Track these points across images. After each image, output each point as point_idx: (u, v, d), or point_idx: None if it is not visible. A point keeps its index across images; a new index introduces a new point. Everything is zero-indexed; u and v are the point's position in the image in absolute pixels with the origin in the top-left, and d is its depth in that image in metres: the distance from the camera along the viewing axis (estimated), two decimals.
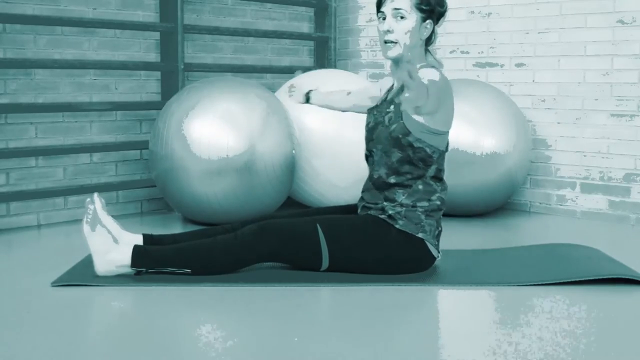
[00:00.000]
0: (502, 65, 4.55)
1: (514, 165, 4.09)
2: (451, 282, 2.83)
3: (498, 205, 4.32)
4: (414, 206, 2.83)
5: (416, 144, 2.80)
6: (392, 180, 2.84)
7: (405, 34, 2.82)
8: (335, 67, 5.15)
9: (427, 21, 2.85)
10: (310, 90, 3.39)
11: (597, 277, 2.79)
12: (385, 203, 2.86)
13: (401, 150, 2.81)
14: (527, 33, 4.43)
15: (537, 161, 4.45)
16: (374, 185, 2.89)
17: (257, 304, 2.57)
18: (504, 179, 4.10)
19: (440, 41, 4.72)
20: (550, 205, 4.43)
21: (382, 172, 2.86)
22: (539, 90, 4.40)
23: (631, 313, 2.53)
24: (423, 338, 2.29)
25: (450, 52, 4.74)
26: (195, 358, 2.12)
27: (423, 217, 2.84)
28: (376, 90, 3.16)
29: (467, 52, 4.67)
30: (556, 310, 2.52)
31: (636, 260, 3.05)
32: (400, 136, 2.80)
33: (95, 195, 2.87)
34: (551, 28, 4.35)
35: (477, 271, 2.97)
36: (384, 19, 2.85)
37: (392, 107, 2.85)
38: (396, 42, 2.83)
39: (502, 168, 4.06)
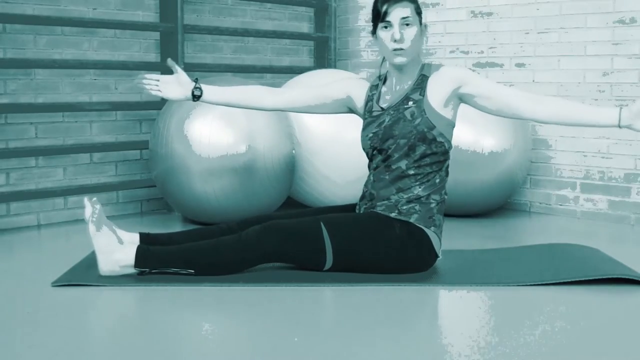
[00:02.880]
0: (502, 65, 4.55)
1: (514, 165, 4.10)
2: (451, 282, 2.83)
3: (498, 205, 4.32)
4: (427, 197, 2.85)
5: (439, 138, 2.85)
6: (412, 171, 2.87)
7: (414, 40, 2.86)
8: (335, 67, 5.16)
9: (423, 24, 2.92)
10: (197, 80, 3.00)
11: (597, 277, 2.79)
12: (398, 195, 2.86)
13: (425, 144, 2.84)
14: (527, 33, 4.44)
15: (537, 161, 4.45)
16: (390, 177, 2.89)
17: (258, 304, 2.57)
18: (504, 179, 4.10)
19: (440, 41, 4.76)
20: (550, 205, 4.44)
21: (402, 164, 2.87)
22: (539, 90, 4.40)
23: (631, 313, 2.53)
24: (423, 338, 2.29)
25: (450, 52, 4.74)
26: (196, 358, 2.12)
27: (435, 210, 2.87)
28: (339, 92, 3.07)
29: (467, 52, 4.67)
30: (556, 310, 2.52)
31: (636, 260, 3.05)
32: (426, 130, 2.83)
33: (86, 199, 2.86)
34: (551, 28, 4.35)
35: (477, 271, 2.97)
36: (386, 27, 2.85)
37: (410, 102, 2.87)
38: (405, 50, 2.85)
39: (502, 168, 4.06)
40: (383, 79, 3.02)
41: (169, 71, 4.36)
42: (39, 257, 3.28)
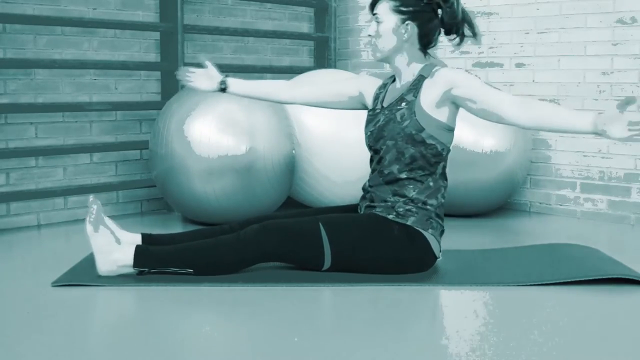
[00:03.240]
0: (502, 65, 4.55)
1: (514, 165, 4.10)
2: (451, 282, 2.83)
3: (498, 205, 4.32)
4: (424, 203, 2.85)
5: (429, 141, 2.83)
6: (404, 175, 2.86)
7: (380, 37, 2.89)
8: (335, 67, 5.16)
9: (407, 22, 2.87)
10: (227, 76, 3.17)
11: (597, 277, 2.79)
12: (395, 198, 2.86)
13: (414, 146, 2.83)
14: (527, 33, 4.44)
15: (537, 161, 4.45)
16: (384, 181, 2.89)
17: (258, 304, 2.57)
18: (504, 178, 4.10)
19: (440, 41, 4.74)
20: (550, 205, 4.44)
21: (394, 168, 2.87)
22: (539, 90, 4.40)
23: (631, 313, 2.53)
24: (423, 338, 2.29)
25: (451, 52, 4.73)
26: (195, 358, 2.12)
27: (433, 214, 2.86)
28: (353, 89, 3.12)
29: (467, 52, 4.67)
30: (556, 310, 2.52)
31: (636, 260, 3.05)
32: (414, 132, 2.82)
33: (91, 197, 2.86)
34: (551, 28, 4.35)
35: (477, 271, 2.97)
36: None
37: (403, 104, 2.87)
38: (374, 46, 2.92)
39: (502, 168, 4.06)
40: (393, 78, 3.03)
41: (168, 71, 4.39)
42: (39, 257, 3.28)
